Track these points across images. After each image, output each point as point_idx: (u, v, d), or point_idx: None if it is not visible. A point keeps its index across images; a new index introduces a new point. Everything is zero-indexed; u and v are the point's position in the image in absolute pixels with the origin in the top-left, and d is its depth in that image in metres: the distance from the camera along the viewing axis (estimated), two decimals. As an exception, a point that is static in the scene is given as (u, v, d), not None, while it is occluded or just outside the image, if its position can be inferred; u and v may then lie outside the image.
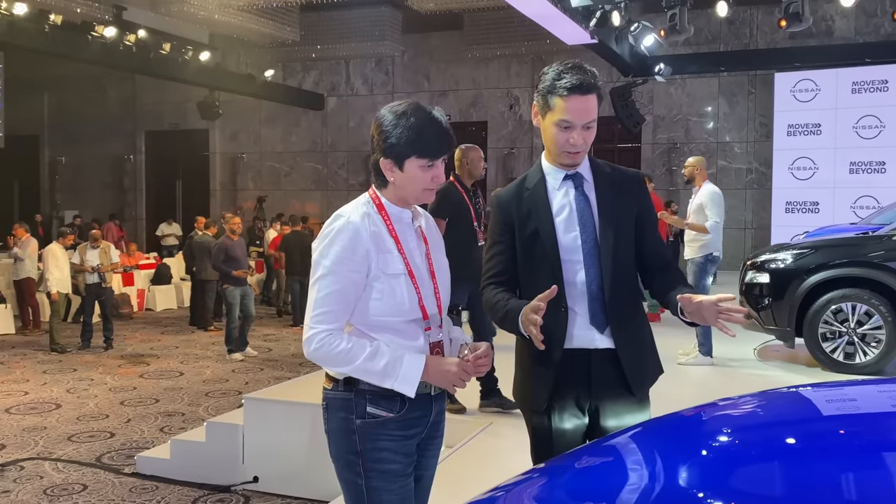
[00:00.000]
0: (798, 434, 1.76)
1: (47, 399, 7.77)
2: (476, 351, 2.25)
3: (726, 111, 16.10)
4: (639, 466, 1.70)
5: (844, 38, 15.00)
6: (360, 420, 2.23)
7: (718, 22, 15.26)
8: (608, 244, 2.44)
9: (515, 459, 4.57)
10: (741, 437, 1.80)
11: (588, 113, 2.39)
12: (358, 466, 2.23)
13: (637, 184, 2.58)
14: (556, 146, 2.44)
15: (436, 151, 2.23)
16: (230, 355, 9.70)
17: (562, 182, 2.50)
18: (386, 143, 2.22)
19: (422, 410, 2.29)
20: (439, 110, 2.26)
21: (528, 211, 2.49)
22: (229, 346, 9.78)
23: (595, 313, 2.43)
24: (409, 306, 2.24)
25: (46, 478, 5.51)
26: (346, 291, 2.20)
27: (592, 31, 11.16)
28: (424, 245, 2.35)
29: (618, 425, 2.45)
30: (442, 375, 2.22)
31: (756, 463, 1.59)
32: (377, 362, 2.17)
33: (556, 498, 1.68)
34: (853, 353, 6.77)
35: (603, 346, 2.44)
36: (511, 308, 2.37)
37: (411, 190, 2.27)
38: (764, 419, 1.93)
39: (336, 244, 2.20)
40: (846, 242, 7.35)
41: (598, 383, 2.44)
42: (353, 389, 2.23)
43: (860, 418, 1.87)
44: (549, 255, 2.44)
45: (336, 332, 2.19)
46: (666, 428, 1.93)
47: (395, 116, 2.22)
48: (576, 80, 2.35)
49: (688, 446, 1.73)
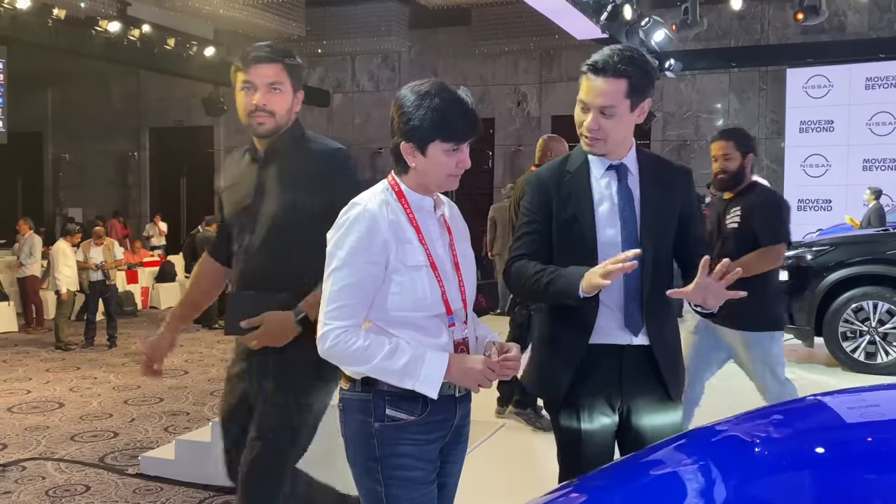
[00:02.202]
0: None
1: (50, 398, 7.65)
2: (504, 352, 2.10)
3: (737, 108, 15.93)
4: (700, 486, 1.55)
5: (857, 34, 14.81)
6: (378, 423, 2.07)
7: (729, 17, 15.09)
8: (650, 242, 2.31)
9: (531, 463, 4.46)
10: (809, 451, 1.65)
11: (601, 96, 2.24)
12: (377, 473, 2.08)
13: (684, 179, 2.45)
14: (577, 128, 2.31)
15: (461, 135, 2.07)
16: None
17: (605, 172, 2.36)
18: (407, 126, 2.06)
19: (445, 413, 2.14)
20: (465, 90, 2.10)
21: (567, 194, 2.35)
22: None
23: (631, 314, 2.30)
24: (432, 301, 2.08)
25: (49, 478, 5.40)
26: (362, 285, 2.04)
27: (603, 26, 11.00)
28: (448, 235, 2.19)
29: (652, 426, 2.34)
30: (465, 374, 2.06)
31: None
32: (396, 361, 2.01)
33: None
34: (874, 352, 6.63)
35: (636, 343, 2.31)
36: (567, 271, 2.22)
37: (434, 176, 2.11)
38: (827, 426, 1.77)
39: (352, 234, 2.05)
40: (867, 239, 7.21)
41: (631, 381, 2.32)
42: (371, 390, 2.08)
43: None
44: (586, 246, 2.30)
45: (352, 329, 2.03)
46: (716, 439, 1.77)
47: (417, 97, 2.06)
48: (598, 58, 2.22)
49: (751, 461, 1.58)
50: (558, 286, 2.23)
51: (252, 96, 2.59)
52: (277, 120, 2.61)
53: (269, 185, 2.63)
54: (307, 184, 2.57)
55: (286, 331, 2.53)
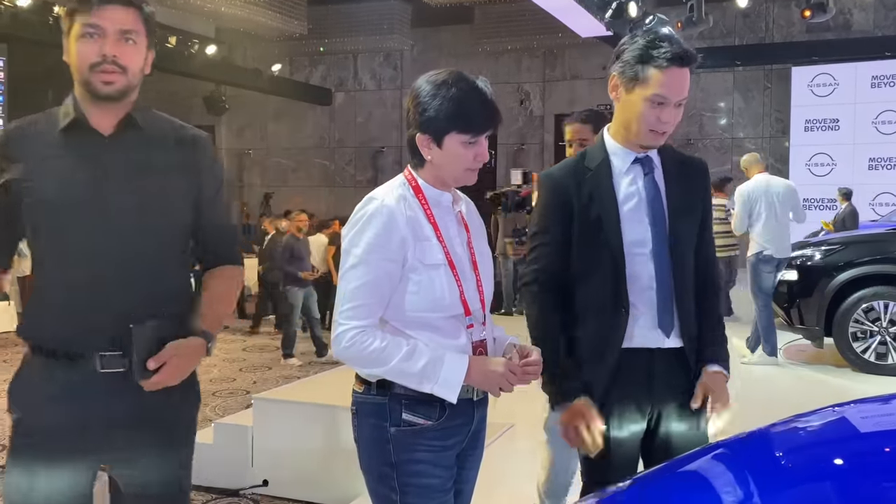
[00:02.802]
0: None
1: (50, 398, 7.57)
2: (526, 355, 2.01)
3: (741, 106, 15.85)
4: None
5: (863, 32, 14.73)
6: (394, 428, 1.99)
7: (734, 15, 15.01)
8: (679, 239, 2.22)
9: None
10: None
11: (684, 89, 2.16)
12: (393, 480, 1.99)
13: (703, 175, 2.36)
14: (642, 124, 2.17)
15: (479, 126, 1.98)
16: (287, 360, 8.98)
17: (630, 166, 2.25)
18: (423, 117, 1.97)
19: (463, 418, 2.06)
20: (484, 80, 2.01)
21: (589, 195, 2.22)
22: (287, 349, 9.03)
23: (663, 315, 2.20)
24: (450, 301, 2.00)
25: (48, 481, 5.31)
26: (379, 283, 1.95)
27: (608, 23, 10.92)
28: (465, 232, 2.11)
29: (681, 432, 2.23)
30: (486, 377, 1.97)
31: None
32: (414, 363, 1.92)
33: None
34: (885, 353, 6.55)
35: (668, 346, 2.21)
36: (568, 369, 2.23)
37: (451, 170, 2.02)
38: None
39: (368, 230, 1.96)
40: (878, 238, 7.12)
41: (662, 386, 2.21)
42: (387, 393, 1.99)
43: None
44: (612, 247, 2.19)
45: (369, 329, 1.94)
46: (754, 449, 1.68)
47: (433, 87, 1.97)
48: (678, 50, 2.11)
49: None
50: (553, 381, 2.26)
51: (100, 44, 1.99)
52: (129, 79, 2.06)
53: (123, 172, 2.05)
54: (175, 173, 2.11)
55: (194, 363, 2.06)
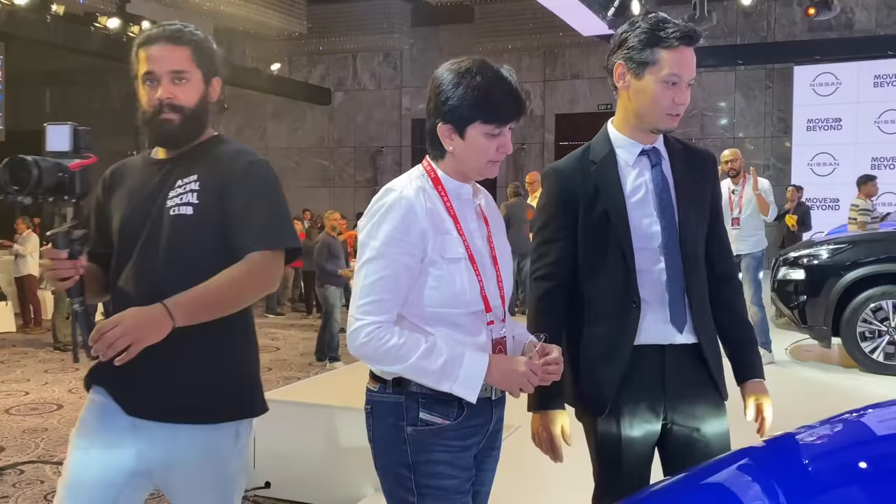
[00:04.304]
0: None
1: (48, 399, 7.49)
2: (546, 354, 1.93)
3: (743, 106, 15.79)
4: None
5: (865, 31, 14.69)
6: (411, 428, 1.91)
7: (735, 14, 14.97)
8: (690, 232, 2.16)
9: (550, 468, 4.29)
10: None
11: (693, 67, 2.14)
12: (410, 482, 1.92)
13: (711, 165, 2.31)
14: (658, 108, 2.11)
15: (504, 116, 1.92)
16: (331, 363, 8.49)
17: (637, 158, 2.18)
18: (446, 106, 1.90)
19: (482, 417, 1.98)
20: (508, 69, 1.95)
21: (595, 188, 2.16)
22: (332, 353, 8.62)
23: (676, 310, 2.13)
24: (471, 296, 1.92)
25: (47, 482, 5.24)
26: (397, 277, 1.88)
27: (610, 22, 10.87)
28: (485, 226, 2.04)
29: (701, 431, 2.17)
30: (507, 376, 1.90)
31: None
32: (434, 361, 1.85)
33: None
34: (894, 353, 6.50)
35: (680, 342, 2.14)
36: None
37: (473, 162, 1.96)
38: None
39: (387, 222, 1.88)
40: (886, 237, 7.07)
41: (676, 384, 2.15)
42: (403, 392, 1.92)
43: None
44: (621, 242, 2.12)
45: (386, 325, 1.87)
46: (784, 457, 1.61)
47: (456, 75, 1.91)
48: (686, 29, 2.09)
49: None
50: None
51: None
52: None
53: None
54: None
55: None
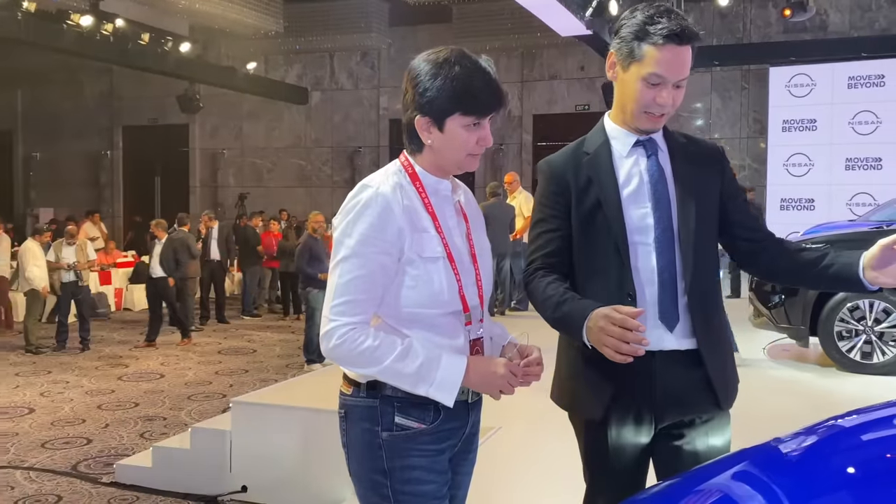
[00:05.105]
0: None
1: (19, 403, 7.38)
2: (526, 355, 1.88)
3: (719, 107, 15.87)
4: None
5: (839, 33, 14.80)
6: (386, 433, 1.86)
7: (711, 15, 15.04)
8: (687, 225, 2.05)
9: (530, 470, 4.26)
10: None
11: (683, 68, 2.01)
12: (386, 488, 1.87)
13: (719, 156, 2.20)
14: (637, 105, 2.04)
15: (484, 108, 1.86)
16: (309, 366, 8.48)
17: (631, 149, 2.11)
18: (423, 98, 1.84)
19: (458, 421, 1.94)
20: (487, 59, 1.89)
21: (587, 179, 2.08)
22: (310, 355, 8.53)
23: (666, 308, 2.02)
24: (449, 296, 1.87)
25: (18, 488, 5.17)
26: (373, 277, 1.82)
27: (588, 22, 10.87)
28: (465, 223, 1.99)
29: (692, 443, 2.07)
30: (486, 379, 1.85)
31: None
32: (409, 364, 1.80)
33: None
34: (870, 352, 6.52)
35: (671, 348, 2.03)
36: (572, 311, 1.96)
37: (451, 155, 1.90)
38: None
39: (362, 220, 1.83)
40: (863, 237, 7.08)
41: (668, 391, 2.03)
42: (377, 395, 1.87)
43: None
44: (613, 234, 2.04)
45: (360, 326, 1.81)
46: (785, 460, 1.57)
47: (433, 66, 1.84)
48: (675, 27, 1.96)
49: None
50: (563, 329, 2.04)
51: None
52: None
53: None
54: None
55: None
